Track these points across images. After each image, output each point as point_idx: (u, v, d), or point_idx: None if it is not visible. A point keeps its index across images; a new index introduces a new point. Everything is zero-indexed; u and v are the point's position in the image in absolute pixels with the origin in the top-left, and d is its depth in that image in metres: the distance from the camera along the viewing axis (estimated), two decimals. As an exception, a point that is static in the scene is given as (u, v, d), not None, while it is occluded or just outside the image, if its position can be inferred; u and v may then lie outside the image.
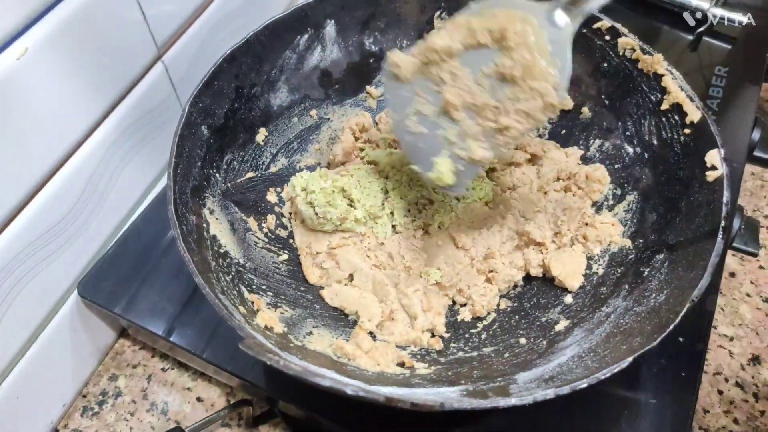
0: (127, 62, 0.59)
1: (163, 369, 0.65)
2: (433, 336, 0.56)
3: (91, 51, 0.54)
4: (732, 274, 0.72)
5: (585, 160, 0.66)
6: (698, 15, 0.80)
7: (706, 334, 0.57)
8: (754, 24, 0.80)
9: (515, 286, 0.60)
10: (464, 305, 0.59)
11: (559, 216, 0.60)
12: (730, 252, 0.71)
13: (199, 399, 0.63)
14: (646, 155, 0.60)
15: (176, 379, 0.65)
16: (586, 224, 0.60)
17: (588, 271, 0.58)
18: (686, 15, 0.61)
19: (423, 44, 0.53)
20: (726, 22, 0.81)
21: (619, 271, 0.56)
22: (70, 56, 0.52)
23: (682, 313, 0.42)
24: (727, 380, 0.64)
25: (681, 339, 0.55)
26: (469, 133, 0.52)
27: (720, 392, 0.63)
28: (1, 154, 0.48)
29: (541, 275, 0.59)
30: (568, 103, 0.68)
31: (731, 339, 0.67)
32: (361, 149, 0.69)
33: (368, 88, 0.73)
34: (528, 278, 0.60)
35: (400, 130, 0.57)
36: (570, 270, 0.57)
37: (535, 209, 0.61)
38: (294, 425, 0.60)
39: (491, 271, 0.59)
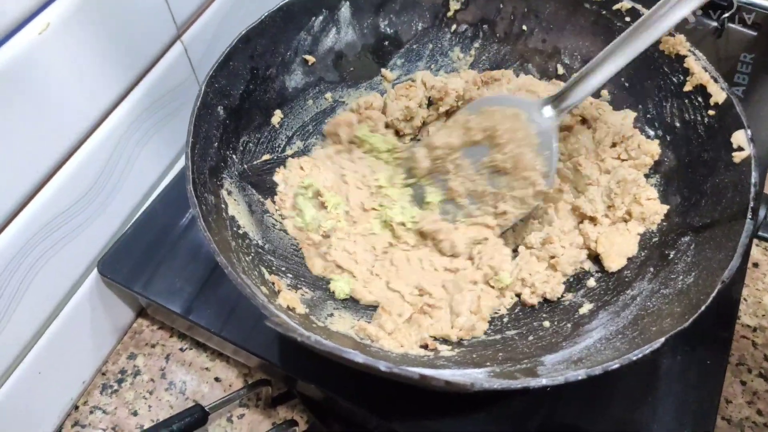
0: (146, 41, 0.59)
1: (181, 349, 0.66)
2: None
3: (111, 28, 0.53)
4: (755, 265, 0.71)
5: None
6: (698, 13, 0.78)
7: (732, 323, 0.57)
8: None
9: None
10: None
11: (612, 189, 0.58)
12: (753, 242, 0.70)
13: (217, 379, 0.64)
14: (668, 138, 0.60)
15: (194, 359, 0.65)
16: (634, 199, 0.58)
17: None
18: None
19: (427, 141, 0.63)
20: (752, 10, 0.79)
21: (643, 254, 0.55)
22: (90, 33, 0.51)
23: (713, 294, 0.42)
24: (750, 371, 0.63)
25: (706, 327, 0.55)
26: (472, 215, 0.60)
27: (743, 383, 0.63)
28: (22, 131, 0.47)
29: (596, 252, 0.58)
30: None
31: (755, 330, 0.66)
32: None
33: (383, 71, 0.72)
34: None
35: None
36: (617, 250, 0.55)
37: (587, 182, 0.60)
38: (312, 406, 0.60)
39: (552, 257, 0.57)
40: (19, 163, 0.48)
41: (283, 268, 0.56)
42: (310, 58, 0.66)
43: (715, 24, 0.80)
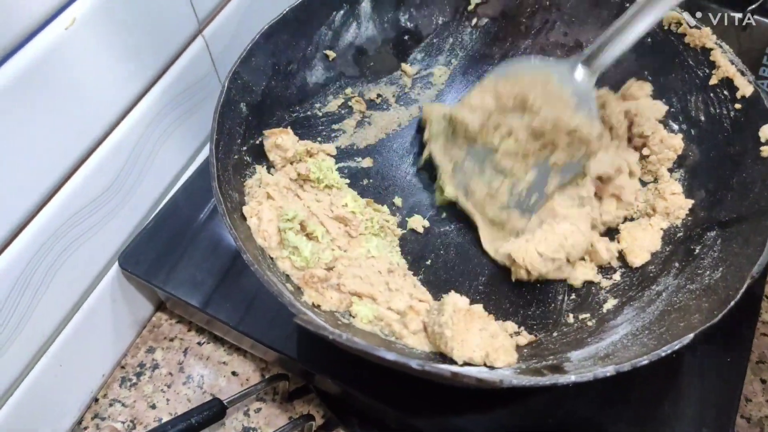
0: (168, 36, 0.59)
1: (199, 343, 0.66)
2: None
3: (134, 23, 0.53)
4: (777, 261, 0.70)
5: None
6: (698, 15, 0.77)
7: (754, 320, 0.56)
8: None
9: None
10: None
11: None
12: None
13: (234, 373, 0.64)
14: (692, 132, 0.59)
15: (212, 354, 0.65)
16: (658, 194, 0.58)
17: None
18: (686, 15, 0.59)
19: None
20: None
21: (668, 249, 0.55)
22: (114, 28, 0.51)
23: (742, 290, 0.42)
24: (770, 369, 0.63)
25: (727, 325, 0.54)
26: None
27: (763, 381, 0.62)
28: (47, 126, 0.47)
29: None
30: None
31: (775, 327, 0.65)
32: None
33: (403, 65, 0.71)
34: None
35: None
36: (639, 245, 0.55)
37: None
38: (328, 401, 0.60)
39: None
40: (44, 157, 0.48)
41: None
42: (331, 53, 0.66)
43: (739, 16, 0.79)
